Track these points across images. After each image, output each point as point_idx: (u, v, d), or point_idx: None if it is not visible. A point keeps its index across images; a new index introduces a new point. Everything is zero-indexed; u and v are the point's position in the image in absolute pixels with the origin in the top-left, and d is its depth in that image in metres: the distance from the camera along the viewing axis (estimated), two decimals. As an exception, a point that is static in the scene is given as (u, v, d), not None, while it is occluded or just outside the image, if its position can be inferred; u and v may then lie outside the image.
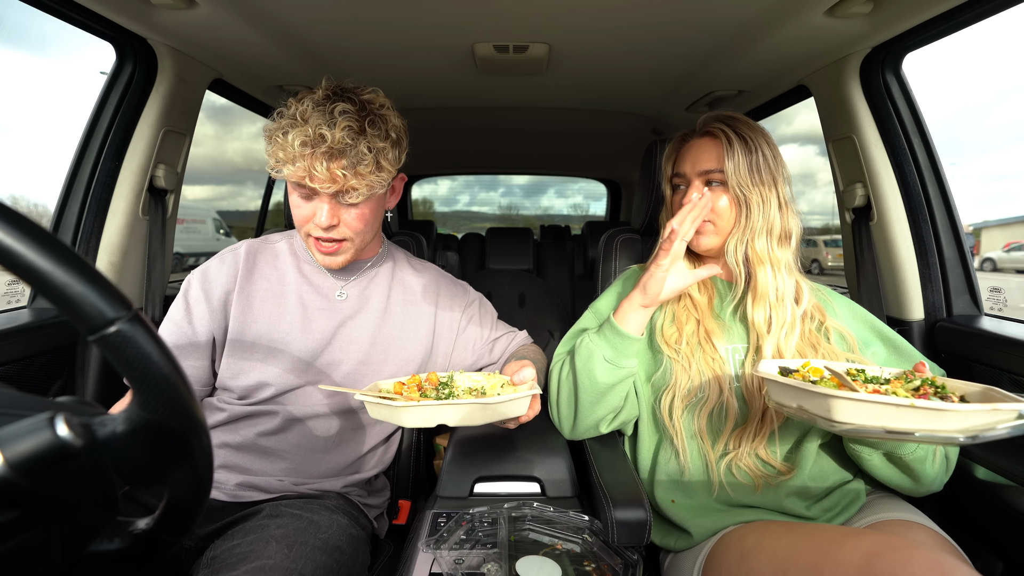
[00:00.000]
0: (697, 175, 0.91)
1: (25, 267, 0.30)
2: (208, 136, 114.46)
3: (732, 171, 0.87)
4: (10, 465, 0.29)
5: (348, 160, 0.79)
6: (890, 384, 0.66)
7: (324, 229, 0.84)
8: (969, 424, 0.52)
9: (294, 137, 0.77)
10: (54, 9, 1.04)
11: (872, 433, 0.55)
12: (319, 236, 0.86)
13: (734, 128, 0.89)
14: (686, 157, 0.94)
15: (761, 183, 0.87)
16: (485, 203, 53.31)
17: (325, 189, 0.80)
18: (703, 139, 0.92)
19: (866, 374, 0.71)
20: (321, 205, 0.83)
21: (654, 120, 2.00)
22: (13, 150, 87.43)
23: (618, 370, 0.86)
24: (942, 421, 0.52)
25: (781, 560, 0.64)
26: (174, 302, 0.93)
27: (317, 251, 0.89)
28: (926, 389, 0.63)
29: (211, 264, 0.94)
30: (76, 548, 0.38)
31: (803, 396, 0.61)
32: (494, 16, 1.13)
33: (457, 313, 1.06)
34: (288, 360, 0.90)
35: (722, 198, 0.89)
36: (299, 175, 0.79)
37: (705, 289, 0.95)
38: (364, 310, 0.97)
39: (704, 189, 0.90)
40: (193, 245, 9.57)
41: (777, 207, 0.88)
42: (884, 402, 0.54)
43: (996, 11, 0.97)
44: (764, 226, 0.88)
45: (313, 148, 0.77)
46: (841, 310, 0.94)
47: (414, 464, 1.13)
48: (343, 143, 0.78)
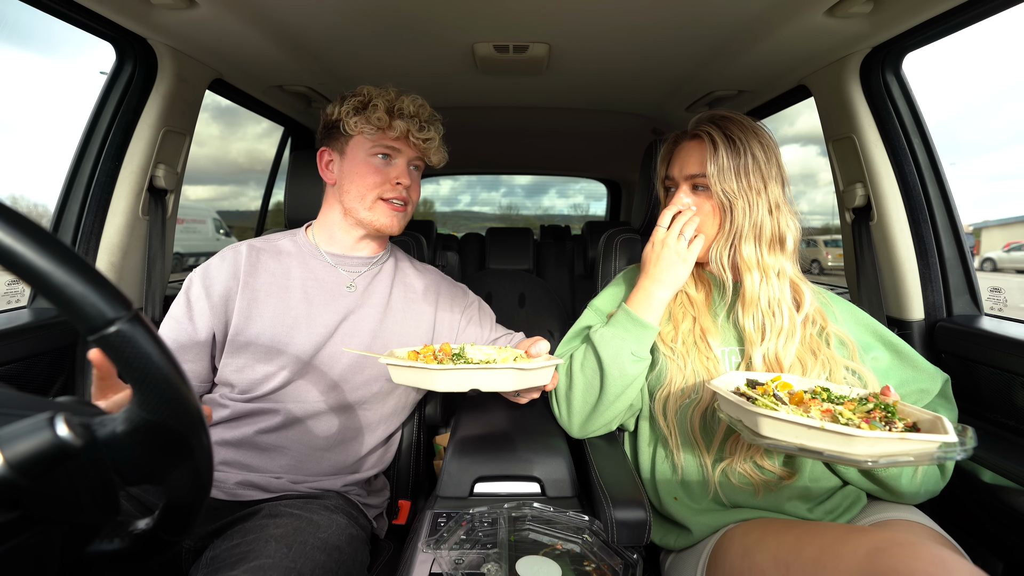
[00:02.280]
0: (684, 179, 0.90)
1: (25, 267, 0.30)
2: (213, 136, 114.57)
3: (715, 175, 0.85)
4: (10, 465, 0.29)
5: (436, 129, 0.98)
6: (843, 405, 0.68)
7: (404, 187, 0.97)
8: (877, 450, 0.56)
9: (395, 105, 0.93)
10: (54, 9, 1.04)
11: (789, 449, 0.60)
12: (393, 197, 0.96)
13: (723, 130, 0.86)
14: (675, 160, 0.93)
15: (748, 187, 0.84)
16: (487, 203, 53.34)
17: (413, 150, 0.97)
18: (691, 141, 0.91)
19: (830, 392, 0.72)
20: (400, 164, 0.97)
21: (654, 120, 2.00)
22: (13, 150, 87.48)
23: (643, 361, 0.87)
24: (851, 445, 0.56)
25: (784, 555, 0.64)
26: (176, 300, 0.94)
27: (385, 213, 0.97)
28: (876, 412, 0.65)
29: (212, 262, 0.96)
30: (76, 548, 0.38)
31: (739, 410, 0.66)
32: (494, 16, 1.13)
33: (457, 314, 1.07)
34: (291, 353, 0.91)
35: (706, 202, 0.88)
36: (396, 136, 0.94)
37: (702, 285, 0.95)
38: (367, 304, 0.98)
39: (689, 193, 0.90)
40: (193, 245, 9.56)
41: (767, 211, 0.85)
42: (799, 422, 0.58)
43: (996, 11, 0.97)
44: (751, 231, 0.85)
45: (412, 115, 0.94)
46: (842, 314, 0.93)
47: (414, 464, 1.13)
48: (433, 116, 0.99)
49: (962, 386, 1.05)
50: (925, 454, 0.56)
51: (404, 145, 0.95)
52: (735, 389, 0.74)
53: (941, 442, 0.56)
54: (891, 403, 0.67)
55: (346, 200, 0.97)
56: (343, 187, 0.97)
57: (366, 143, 0.94)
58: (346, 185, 0.96)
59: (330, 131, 0.98)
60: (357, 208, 0.96)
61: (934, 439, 0.56)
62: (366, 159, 0.95)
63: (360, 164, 0.95)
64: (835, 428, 0.56)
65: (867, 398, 0.70)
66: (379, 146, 0.94)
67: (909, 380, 0.88)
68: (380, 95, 0.93)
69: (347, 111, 0.94)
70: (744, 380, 0.77)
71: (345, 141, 0.96)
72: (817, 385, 0.74)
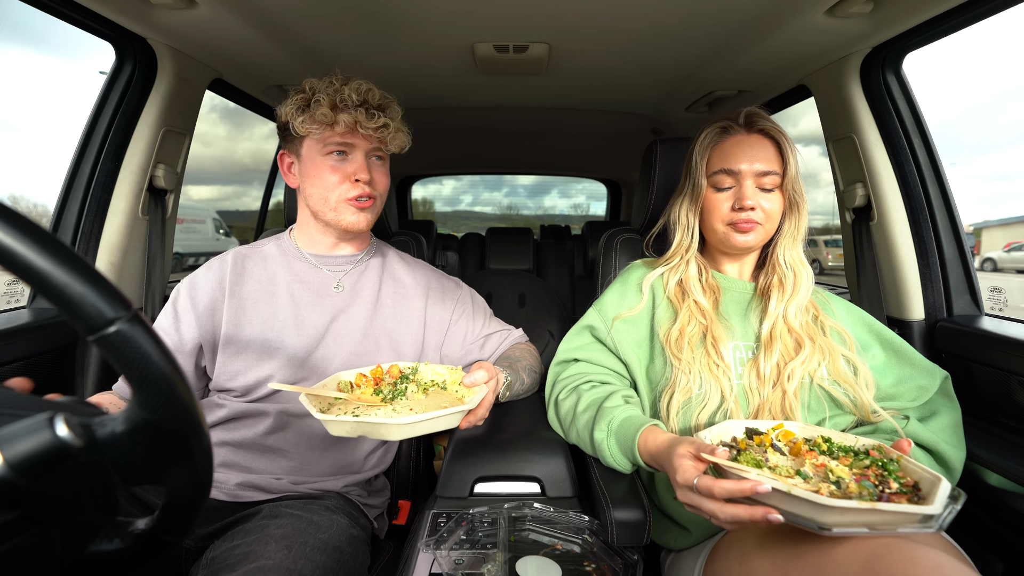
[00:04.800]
0: (754, 174, 0.89)
1: (25, 267, 0.30)
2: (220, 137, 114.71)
3: (793, 175, 0.88)
4: (10, 465, 0.29)
5: (389, 114, 0.91)
6: (839, 460, 0.66)
7: (365, 183, 0.92)
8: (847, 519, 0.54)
9: (338, 96, 0.87)
10: (54, 9, 1.04)
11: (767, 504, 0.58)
12: (355, 195, 0.92)
13: (780, 130, 0.90)
14: (737, 153, 0.89)
15: (803, 187, 0.90)
16: (488, 203, 53.40)
17: (368, 142, 0.91)
18: (754, 136, 0.90)
19: (832, 444, 0.70)
20: (358, 159, 0.92)
21: (654, 120, 2.00)
22: (13, 150, 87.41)
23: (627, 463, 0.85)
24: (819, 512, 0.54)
25: (782, 561, 0.64)
26: (163, 310, 0.96)
27: (350, 210, 0.93)
28: (872, 470, 0.63)
29: (199, 273, 0.97)
30: (76, 548, 0.38)
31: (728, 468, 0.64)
32: (494, 16, 1.13)
33: (448, 307, 1.06)
34: (283, 358, 0.91)
35: (774, 199, 0.89)
36: (344, 130, 0.88)
37: (710, 291, 0.94)
38: (356, 303, 0.98)
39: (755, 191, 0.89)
40: (193, 245, 9.57)
41: None
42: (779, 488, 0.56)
43: (996, 11, 0.97)
44: (804, 230, 0.91)
45: (358, 104, 0.87)
46: (840, 311, 0.94)
47: (414, 464, 1.13)
48: (384, 100, 0.91)
49: (962, 386, 1.04)
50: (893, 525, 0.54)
51: (356, 138, 0.90)
52: (731, 438, 0.73)
53: (921, 515, 0.53)
54: (894, 458, 0.65)
55: (311, 204, 0.94)
56: (305, 191, 0.94)
57: (317, 143, 0.90)
58: (308, 188, 0.93)
59: (284, 133, 0.95)
60: (322, 210, 0.93)
61: (911, 511, 0.53)
62: (321, 159, 0.91)
63: (316, 165, 0.91)
64: (801, 494, 0.54)
65: (868, 451, 0.68)
66: (330, 144, 0.90)
67: (907, 377, 0.88)
68: (323, 88, 0.88)
69: (292, 111, 0.89)
70: (743, 429, 0.75)
71: (299, 143, 0.93)
72: (819, 435, 0.73)
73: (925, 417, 0.87)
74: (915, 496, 0.59)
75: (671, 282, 0.97)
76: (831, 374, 0.85)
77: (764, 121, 0.90)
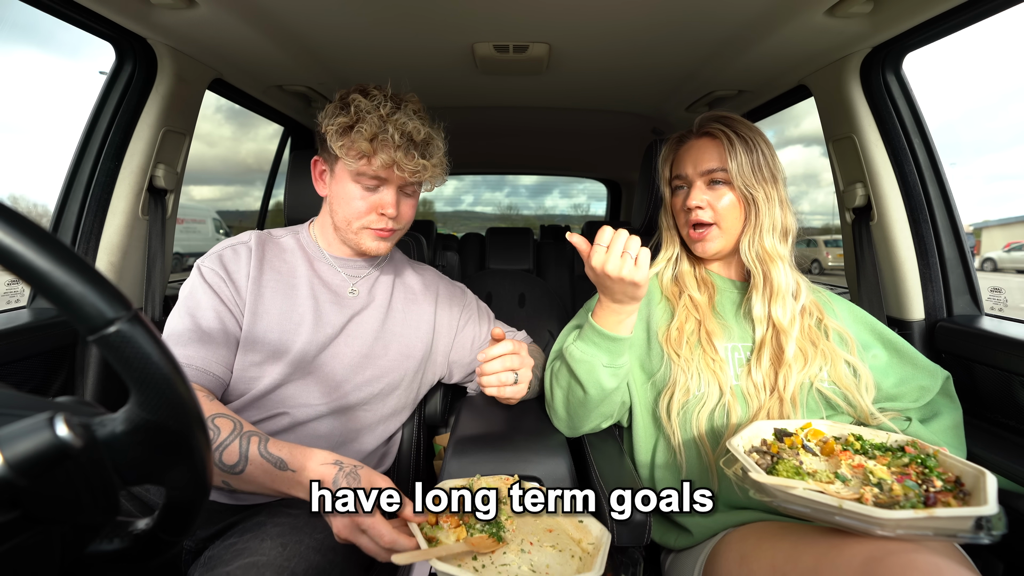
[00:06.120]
0: (699, 175, 0.91)
1: (25, 267, 0.30)
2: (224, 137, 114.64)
3: (736, 170, 0.88)
4: (10, 465, 0.28)
5: (429, 151, 0.87)
6: (877, 459, 0.65)
7: (391, 217, 0.90)
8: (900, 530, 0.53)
9: (378, 130, 0.82)
10: (54, 9, 1.04)
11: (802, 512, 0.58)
12: (379, 227, 0.90)
13: (733, 128, 0.90)
14: (686, 158, 0.94)
15: (764, 181, 0.88)
16: (489, 203, 53.39)
17: (404, 180, 0.87)
18: (702, 139, 0.93)
19: (864, 441, 0.69)
20: (389, 194, 0.89)
21: (654, 120, 2.00)
22: (13, 150, 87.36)
23: (619, 370, 0.86)
24: (872, 523, 0.53)
25: (781, 563, 0.64)
26: (190, 292, 0.88)
27: (371, 238, 0.92)
28: (912, 467, 0.62)
29: (225, 254, 0.92)
30: (76, 548, 0.38)
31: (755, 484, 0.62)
32: (494, 16, 1.13)
33: (456, 312, 1.07)
34: (294, 353, 0.89)
35: (725, 197, 0.90)
36: (380, 167, 0.84)
37: (705, 287, 0.95)
38: (370, 307, 0.98)
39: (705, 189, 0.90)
40: (193, 245, 9.56)
41: (779, 204, 0.90)
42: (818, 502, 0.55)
43: (996, 11, 0.97)
44: (770, 223, 0.89)
45: (400, 141, 0.83)
46: (841, 312, 0.94)
47: (414, 464, 1.13)
48: (428, 136, 0.86)
49: (962, 386, 1.04)
50: (952, 532, 0.52)
51: (391, 174, 0.87)
52: (761, 442, 0.71)
53: (976, 516, 0.52)
54: (931, 453, 0.64)
55: (335, 219, 0.94)
56: (332, 206, 0.94)
57: (350, 170, 0.87)
58: (334, 205, 0.93)
59: (323, 142, 0.92)
60: (344, 231, 0.93)
61: (967, 513, 0.52)
62: (352, 184, 0.89)
63: (346, 188, 0.89)
64: (854, 509, 0.52)
65: (904, 447, 0.66)
66: (364, 176, 0.87)
67: (908, 377, 0.88)
68: (368, 113, 0.83)
69: (333, 130, 0.85)
70: (772, 430, 0.73)
71: (334, 159, 0.90)
72: (850, 433, 0.72)
73: (927, 418, 0.87)
74: (960, 492, 0.58)
75: (666, 277, 0.99)
76: (832, 378, 0.84)
77: (712, 123, 0.92)
